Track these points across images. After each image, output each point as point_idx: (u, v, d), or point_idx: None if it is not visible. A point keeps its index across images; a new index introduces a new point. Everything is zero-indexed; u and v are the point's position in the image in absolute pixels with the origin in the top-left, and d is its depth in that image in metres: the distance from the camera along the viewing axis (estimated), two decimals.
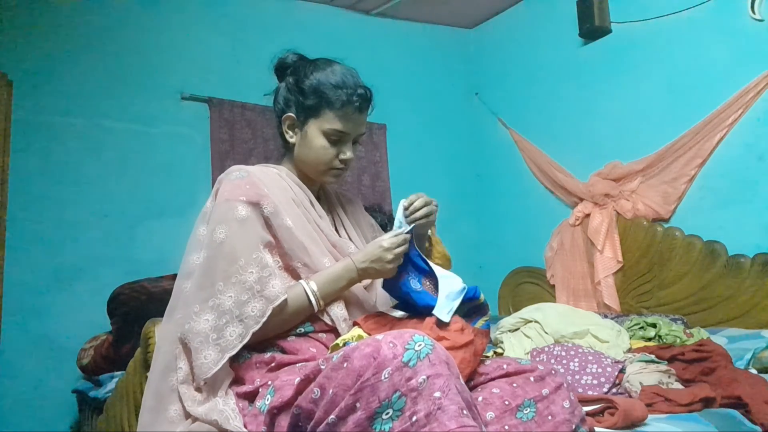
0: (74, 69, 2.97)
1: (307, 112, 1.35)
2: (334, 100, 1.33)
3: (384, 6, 3.80)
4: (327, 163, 1.36)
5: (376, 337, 1.02)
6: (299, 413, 1.06)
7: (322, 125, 1.34)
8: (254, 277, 1.20)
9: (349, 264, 1.29)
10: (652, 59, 3.13)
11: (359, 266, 1.29)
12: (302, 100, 1.35)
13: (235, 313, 1.18)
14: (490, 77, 4.10)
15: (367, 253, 1.30)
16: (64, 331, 2.73)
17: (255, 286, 1.20)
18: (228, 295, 1.19)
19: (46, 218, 2.84)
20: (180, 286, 1.27)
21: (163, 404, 1.21)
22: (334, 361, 1.02)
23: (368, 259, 1.29)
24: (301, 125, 1.37)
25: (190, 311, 1.20)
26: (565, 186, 3.46)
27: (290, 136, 1.39)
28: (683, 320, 2.62)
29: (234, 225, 1.23)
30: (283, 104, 1.40)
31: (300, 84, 1.36)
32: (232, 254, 1.21)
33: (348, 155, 1.36)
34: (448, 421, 0.92)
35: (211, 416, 1.16)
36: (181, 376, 1.21)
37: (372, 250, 1.30)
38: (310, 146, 1.35)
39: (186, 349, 1.20)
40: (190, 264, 1.27)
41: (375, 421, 0.96)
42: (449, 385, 0.95)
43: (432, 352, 0.98)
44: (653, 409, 1.63)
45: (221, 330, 1.17)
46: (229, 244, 1.22)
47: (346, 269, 1.29)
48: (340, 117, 1.33)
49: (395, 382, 0.95)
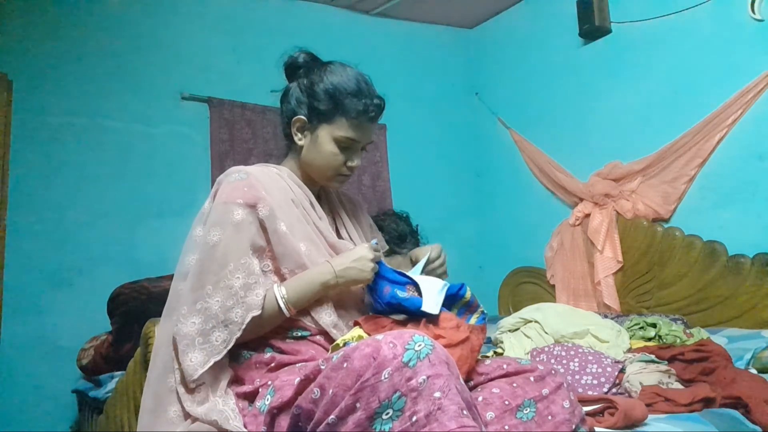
0: (74, 69, 2.97)
1: (320, 116, 1.34)
2: (350, 108, 1.32)
3: (384, 6, 3.80)
4: (335, 169, 1.36)
5: (376, 337, 1.02)
6: (299, 413, 1.06)
7: (334, 132, 1.33)
8: (240, 283, 1.21)
9: (324, 268, 1.27)
10: (652, 59, 3.13)
11: (338, 269, 1.26)
12: (316, 104, 1.34)
13: (221, 318, 1.19)
14: (490, 77, 4.10)
15: (348, 254, 1.29)
16: (64, 331, 2.73)
17: (239, 292, 1.20)
18: (215, 299, 1.19)
19: (46, 218, 2.84)
20: (176, 286, 1.27)
21: (162, 405, 1.21)
22: (334, 362, 1.02)
23: (350, 258, 1.27)
24: (312, 129, 1.36)
25: (179, 313, 1.20)
26: (565, 186, 3.46)
27: (299, 138, 1.38)
28: (683, 320, 2.62)
29: (228, 229, 1.23)
30: (294, 105, 1.38)
31: (314, 87, 1.35)
32: (223, 258, 1.21)
33: (356, 163, 1.36)
34: (448, 421, 0.92)
35: (210, 416, 1.16)
36: (179, 376, 1.21)
37: (355, 250, 1.29)
38: (320, 151, 1.35)
39: (176, 349, 1.21)
40: (186, 264, 1.27)
41: (375, 421, 0.96)
42: (449, 385, 0.95)
43: (432, 353, 0.98)
44: (653, 409, 1.63)
45: (207, 334, 1.18)
46: (221, 248, 1.22)
47: (320, 273, 1.26)
48: (354, 126, 1.33)
49: (395, 382, 0.95)
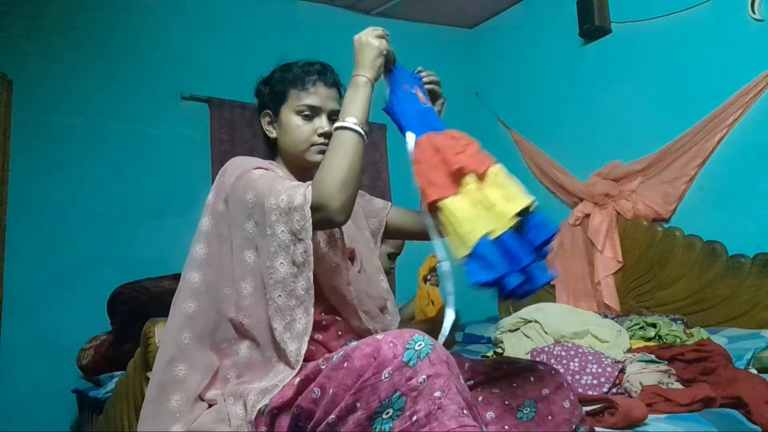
0: (74, 69, 2.97)
1: (277, 100, 1.38)
2: (297, 77, 1.37)
3: (384, 6, 3.80)
4: (306, 140, 1.35)
5: (375, 336, 1.02)
6: (299, 413, 1.06)
7: (292, 106, 1.36)
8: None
9: (355, 80, 1.26)
10: (652, 59, 3.13)
11: (361, 70, 1.26)
12: (270, 91, 1.40)
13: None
14: (490, 77, 4.10)
15: (359, 55, 1.29)
16: (64, 331, 2.73)
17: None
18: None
19: (46, 218, 2.84)
20: (185, 276, 1.27)
21: (165, 394, 1.20)
22: (334, 361, 1.02)
23: (361, 54, 1.28)
24: (277, 116, 1.39)
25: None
26: (565, 186, 3.46)
27: (270, 132, 1.41)
28: (683, 320, 2.62)
29: (259, 181, 1.23)
30: (259, 106, 1.44)
31: (268, 79, 1.42)
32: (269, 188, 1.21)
33: (325, 128, 1.35)
34: (449, 420, 0.92)
35: (210, 416, 1.16)
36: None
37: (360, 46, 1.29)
38: (287, 129, 1.37)
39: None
40: (194, 254, 1.27)
41: (375, 421, 0.96)
42: (449, 385, 0.95)
43: (432, 352, 0.98)
44: (653, 409, 1.63)
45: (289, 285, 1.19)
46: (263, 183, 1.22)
47: (356, 85, 1.25)
48: (306, 93, 1.36)
49: (395, 381, 0.95)
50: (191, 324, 1.24)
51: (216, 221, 1.27)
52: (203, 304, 1.25)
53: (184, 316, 1.24)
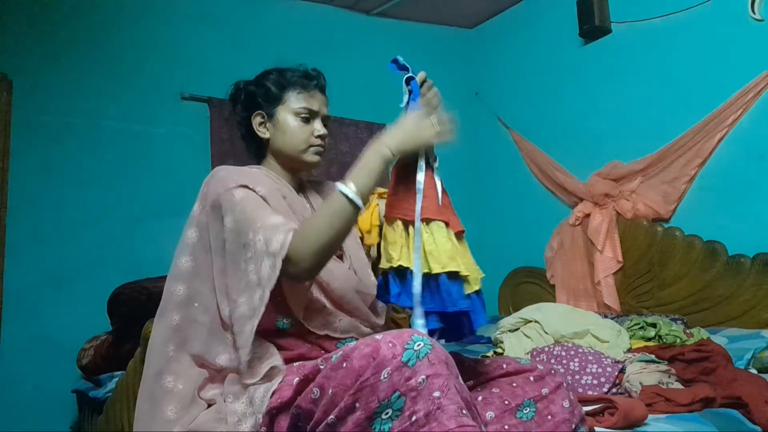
0: (74, 69, 2.97)
1: (274, 100, 1.39)
2: (295, 81, 1.40)
3: (384, 6, 3.80)
4: (305, 141, 1.38)
5: (375, 336, 1.02)
6: (299, 413, 1.06)
7: (290, 107, 1.38)
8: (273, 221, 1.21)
9: (377, 146, 1.23)
10: (652, 59, 3.13)
11: (392, 145, 1.23)
12: (267, 92, 1.40)
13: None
14: (490, 77, 4.10)
15: (401, 125, 1.27)
16: (64, 331, 2.73)
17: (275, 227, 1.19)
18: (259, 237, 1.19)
19: (46, 218, 2.84)
20: (169, 288, 1.28)
21: (158, 406, 1.21)
22: (333, 361, 1.03)
23: (403, 129, 1.27)
24: (270, 117, 1.40)
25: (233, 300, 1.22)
26: (565, 186, 3.46)
27: (263, 132, 1.41)
28: (683, 320, 2.62)
29: (238, 206, 1.23)
30: (247, 106, 1.43)
31: (260, 80, 1.42)
32: (251, 221, 1.21)
33: (322, 131, 1.39)
34: (448, 420, 0.92)
35: (210, 415, 1.16)
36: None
37: (408, 120, 1.28)
38: (285, 130, 1.38)
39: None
40: (179, 266, 1.28)
41: (374, 421, 0.96)
42: (448, 385, 0.96)
43: (431, 352, 0.98)
44: (653, 409, 1.63)
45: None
46: (247, 213, 1.22)
47: (375, 152, 1.22)
48: (305, 96, 1.39)
49: (394, 381, 0.95)
50: (176, 336, 1.26)
51: (201, 233, 1.29)
52: (188, 315, 1.27)
53: (169, 328, 1.25)
